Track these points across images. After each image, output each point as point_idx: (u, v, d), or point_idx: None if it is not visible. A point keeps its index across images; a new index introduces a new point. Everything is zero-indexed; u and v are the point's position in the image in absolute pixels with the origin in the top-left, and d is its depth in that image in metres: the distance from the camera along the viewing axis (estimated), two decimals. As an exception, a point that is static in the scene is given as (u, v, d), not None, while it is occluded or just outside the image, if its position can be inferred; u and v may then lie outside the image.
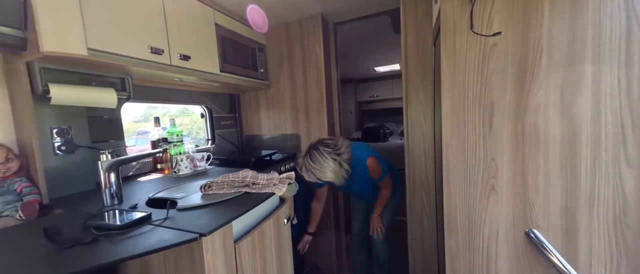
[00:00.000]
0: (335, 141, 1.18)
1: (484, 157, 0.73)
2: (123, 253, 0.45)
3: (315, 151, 1.12)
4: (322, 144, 1.14)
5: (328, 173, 1.11)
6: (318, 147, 1.13)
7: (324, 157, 1.10)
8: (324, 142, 1.16)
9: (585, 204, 0.61)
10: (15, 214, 0.75)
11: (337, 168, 1.12)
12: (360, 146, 1.31)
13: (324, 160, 1.10)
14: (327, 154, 1.11)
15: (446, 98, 0.76)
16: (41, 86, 0.81)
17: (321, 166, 1.10)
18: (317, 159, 1.11)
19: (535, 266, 0.69)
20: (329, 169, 1.11)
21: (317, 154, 1.11)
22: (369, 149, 1.30)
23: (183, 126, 1.82)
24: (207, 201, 0.72)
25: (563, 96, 0.63)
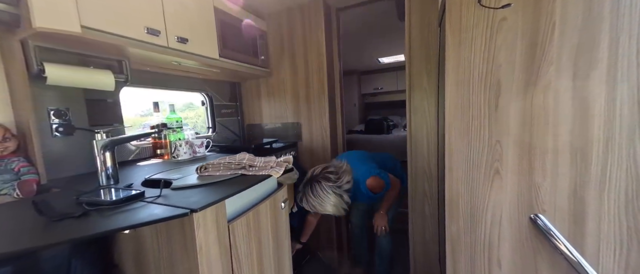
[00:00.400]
0: (338, 170, 1.14)
1: (488, 140, 0.70)
2: (111, 225, 0.44)
3: (317, 184, 1.10)
4: (324, 178, 1.11)
5: (328, 207, 1.11)
6: (320, 181, 1.10)
7: (325, 191, 1.08)
8: (326, 175, 1.12)
9: (595, 188, 0.58)
10: (13, 193, 0.75)
11: (338, 201, 1.11)
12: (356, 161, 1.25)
13: (325, 194, 1.08)
14: (328, 188, 1.09)
15: (450, 77, 0.72)
16: (36, 64, 0.80)
17: (321, 200, 1.09)
18: (317, 193, 1.09)
19: (540, 252, 0.66)
20: (330, 203, 1.10)
21: (319, 187, 1.09)
22: (368, 164, 1.24)
23: (188, 119, 1.81)
24: (202, 182, 0.71)
25: (576, 73, 0.59)
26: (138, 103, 1.41)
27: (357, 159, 1.28)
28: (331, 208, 1.11)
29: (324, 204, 1.09)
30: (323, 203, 1.09)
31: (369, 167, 1.21)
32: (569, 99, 0.59)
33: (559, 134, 0.61)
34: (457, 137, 0.73)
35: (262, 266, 0.75)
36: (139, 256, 0.64)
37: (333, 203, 1.10)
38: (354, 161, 1.25)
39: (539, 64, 0.62)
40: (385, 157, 1.44)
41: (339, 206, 1.12)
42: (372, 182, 1.18)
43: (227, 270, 0.62)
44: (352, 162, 1.24)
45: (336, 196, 1.10)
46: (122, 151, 1.19)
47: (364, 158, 1.30)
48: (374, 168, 1.21)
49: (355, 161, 1.25)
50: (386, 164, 1.39)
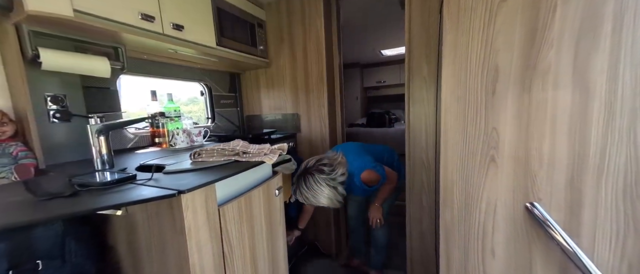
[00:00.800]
0: (332, 162, 1.12)
1: (484, 126, 0.68)
2: (98, 204, 0.44)
3: (310, 177, 1.08)
4: (317, 170, 1.09)
5: (322, 200, 1.09)
6: (313, 173, 1.08)
7: (318, 184, 1.07)
8: (319, 167, 1.10)
9: (593, 174, 0.57)
10: (11, 176, 0.76)
11: (332, 194, 1.10)
12: (352, 153, 1.22)
13: (319, 187, 1.07)
14: (321, 180, 1.07)
15: (447, 62, 0.71)
16: (31, 49, 0.80)
17: (315, 193, 1.08)
18: (311, 185, 1.07)
19: (534, 241, 0.65)
20: (324, 196, 1.08)
21: (312, 180, 1.07)
22: (364, 157, 1.21)
23: (192, 113, 1.82)
24: (195, 167, 0.71)
25: (577, 56, 0.56)
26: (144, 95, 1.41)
27: (353, 151, 1.26)
28: (326, 200, 1.09)
29: (317, 197, 1.08)
30: (317, 196, 1.08)
31: (364, 160, 1.19)
32: (568, 83, 0.57)
33: (557, 119, 0.59)
34: (452, 124, 0.72)
35: (254, 251, 0.76)
36: (131, 238, 0.65)
37: (327, 196, 1.08)
38: (350, 153, 1.23)
39: (538, 48, 0.60)
40: (383, 149, 1.43)
41: (334, 199, 1.11)
42: (367, 176, 1.16)
43: (217, 253, 0.62)
44: (348, 154, 1.22)
45: (330, 189, 1.08)
46: (121, 138, 1.20)
47: (360, 150, 1.28)
48: (369, 161, 1.19)
49: (350, 153, 1.23)
50: (383, 156, 1.38)
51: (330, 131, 1.72)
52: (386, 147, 1.46)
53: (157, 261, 0.61)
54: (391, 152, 1.44)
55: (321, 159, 1.13)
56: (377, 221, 1.31)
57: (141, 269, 0.66)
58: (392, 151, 1.46)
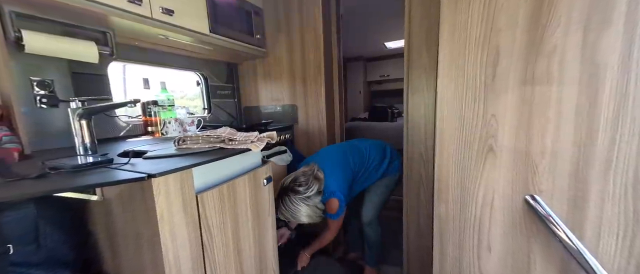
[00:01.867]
0: (307, 179, 1.11)
1: (483, 114, 0.63)
2: (62, 185, 0.42)
3: (286, 197, 1.10)
4: (292, 190, 1.10)
5: (302, 218, 1.11)
6: (289, 194, 1.10)
7: (295, 204, 1.09)
8: (294, 188, 1.10)
9: (600, 166, 0.52)
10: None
11: (310, 211, 1.11)
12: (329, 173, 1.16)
13: (296, 206, 1.09)
14: (298, 200, 1.09)
15: (444, 44, 0.66)
16: (13, 31, 0.78)
17: (293, 212, 1.10)
18: (288, 206, 1.10)
19: (534, 236, 0.61)
20: (302, 214, 1.10)
21: (289, 201, 1.10)
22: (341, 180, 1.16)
23: (197, 108, 1.79)
24: (178, 153, 0.68)
25: (586, 34, 0.51)
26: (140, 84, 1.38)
27: (333, 167, 1.19)
28: (305, 218, 1.11)
29: (296, 215, 1.10)
30: (295, 215, 1.10)
31: (339, 186, 1.14)
32: (576, 65, 0.52)
33: (562, 105, 0.54)
34: (449, 111, 0.67)
35: (238, 240, 0.73)
36: (109, 224, 0.63)
37: (306, 214, 1.10)
38: (329, 168, 1.18)
39: (544, 26, 0.55)
40: (372, 148, 1.34)
41: (313, 216, 1.13)
42: (331, 204, 1.15)
43: (195, 241, 0.60)
44: (324, 167, 1.17)
45: (308, 207, 1.10)
46: (113, 126, 1.18)
47: (341, 166, 1.20)
48: (342, 192, 1.14)
49: (330, 168, 1.17)
50: (370, 157, 1.31)
51: (328, 123, 1.68)
52: (377, 143, 1.40)
53: (132, 248, 0.59)
54: (381, 147, 1.38)
55: (296, 179, 1.12)
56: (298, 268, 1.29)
57: (118, 256, 0.64)
58: (383, 146, 1.40)
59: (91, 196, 0.60)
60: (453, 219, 0.71)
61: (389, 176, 1.35)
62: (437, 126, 0.70)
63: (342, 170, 1.20)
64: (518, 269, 0.63)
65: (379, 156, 1.33)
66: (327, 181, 1.15)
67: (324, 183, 1.14)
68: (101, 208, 0.63)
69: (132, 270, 0.62)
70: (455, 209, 0.70)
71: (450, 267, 0.75)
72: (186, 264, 0.58)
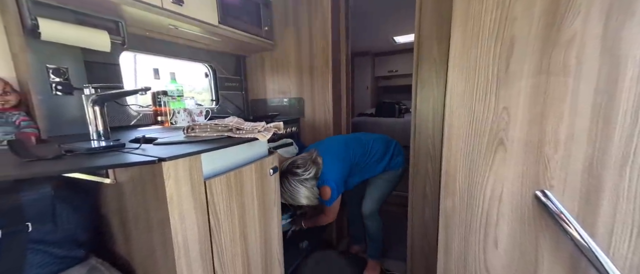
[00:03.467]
0: (305, 162, 1.14)
1: (494, 106, 0.62)
2: (77, 165, 0.43)
3: (285, 179, 1.13)
4: (290, 172, 1.13)
5: (301, 199, 1.13)
6: (287, 176, 1.13)
7: (293, 185, 1.11)
8: (292, 170, 1.13)
9: (616, 161, 0.50)
10: (13, 144, 0.77)
11: (309, 193, 1.13)
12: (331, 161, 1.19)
13: (294, 188, 1.11)
14: (296, 182, 1.11)
15: (456, 35, 0.64)
16: (30, 19, 0.80)
17: (292, 194, 1.12)
18: (286, 187, 1.12)
19: (543, 232, 0.60)
20: (301, 195, 1.12)
21: (287, 182, 1.12)
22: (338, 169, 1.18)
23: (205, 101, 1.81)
24: (186, 140, 0.69)
25: (608, 23, 0.49)
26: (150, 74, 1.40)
27: (333, 156, 1.22)
28: (304, 200, 1.13)
29: (295, 196, 1.12)
30: (294, 196, 1.12)
31: (334, 174, 1.17)
32: (595, 56, 0.50)
33: (579, 97, 0.52)
34: (458, 103, 0.66)
35: (244, 226, 0.75)
36: (121, 207, 0.65)
37: (305, 195, 1.12)
38: (327, 155, 1.21)
39: (562, 15, 0.53)
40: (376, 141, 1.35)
41: (311, 197, 1.14)
42: (324, 191, 1.18)
43: (203, 225, 0.61)
44: (325, 155, 1.20)
45: (306, 189, 1.12)
46: (124, 115, 1.21)
47: (340, 157, 1.23)
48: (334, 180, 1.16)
49: (329, 157, 1.20)
50: (373, 149, 1.31)
51: (334, 117, 1.68)
52: (381, 137, 1.39)
53: (143, 230, 0.61)
54: (385, 141, 1.37)
55: (294, 161, 1.16)
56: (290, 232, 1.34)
57: (130, 238, 0.66)
58: (387, 139, 1.39)
59: (104, 179, 0.62)
60: (459, 214, 0.71)
61: (391, 171, 1.35)
62: (446, 119, 0.69)
63: (341, 161, 1.22)
64: (525, 265, 0.63)
65: (381, 150, 1.33)
66: (324, 169, 1.18)
67: (322, 170, 1.17)
68: (114, 191, 0.65)
69: (143, 251, 0.64)
70: (462, 203, 0.70)
71: (455, 261, 0.74)
72: (194, 246, 0.59)
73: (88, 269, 0.65)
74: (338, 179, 1.19)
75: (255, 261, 0.84)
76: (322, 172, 1.18)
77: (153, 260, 0.62)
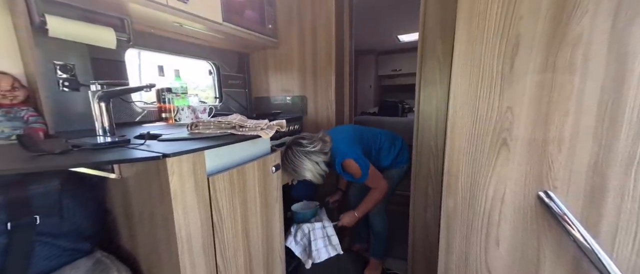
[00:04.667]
0: (311, 138, 1.13)
1: (498, 106, 0.61)
2: (84, 160, 0.44)
3: (289, 150, 1.11)
4: (294, 143, 1.11)
5: (304, 172, 1.10)
6: (291, 147, 1.11)
7: (296, 157, 1.09)
8: (297, 140, 1.12)
9: (622, 161, 0.49)
10: (21, 139, 0.79)
11: (313, 167, 1.10)
12: (342, 137, 1.20)
13: (298, 160, 1.09)
14: (299, 153, 1.09)
15: (460, 33, 0.64)
16: (38, 15, 0.81)
17: (296, 166, 1.09)
18: (290, 158, 1.10)
19: (545, 233, 0.59)
20: (305, 168, 1.09)
21: (291, 153, 1.10)
22: (351, 146, 1.17)
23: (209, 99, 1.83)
24: (190, 137, 0.70)
25: (616, 23, 0.48)
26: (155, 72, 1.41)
27: (343, 136, 1.23)
28: (308, 173, 1.10)
29: (298, 169, 1.09)
30: (297, 169, 1.09)
31: (350, 148, 1.16)
32: (603, 54, 0.49)
33: (585, 96, 0.51)
34: (462, 102, 0.65)
35: (247, 223, 0.76)
36: (126, 202, 0.66)
37: (308, 168, 1.09)
38: (339, 137, 1.21)
39: (570, 14, 0.52)
40: (382, 134, 1.36)
41: (315, 172, 1.11)
42: (347, 165, 1.15)
43: (206, 221, 0.62)
44: (337, 136, 1.20)
45: (310, 162, 1.09)
46: (129, 112, 1.23)
47: (351, 137, 1.23)
48: (354, 152, 1.15)
49: (340, 138, 1.20)
50: (381, 140, 1.32)
51: (337, 116, 1.67)
52: (388, 132, 1.39)
53: (147, 225, 0.62)
54: (391, 136, 1.37)
55: (301, 135, 1.15)
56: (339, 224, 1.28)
57: (134, 232, 0.67)
58: (393, 135, 1.40)
59: (110, 174, 0.63)
60: (461, 213, 0.70)
61: (397, 168, 1.35)
62: (449, 118, 0.68)
63: (352, 140, 1.22)
64: (527, 265, 0.62)
65: (387, 144, 1.33)
66: (336, 145, 1.16)
67: (332, 147, 1.15)
68: (119, 186, 0.66)
69: (147, 246, 0.65)
70: (464, 203, 0.69)
71: (456, 261, 0.74)
72: (197, 242, 0.60)
73: (94, 262, 0.67)
74: (356, 152, 1.16)
75: (257, 257, 0.84)
76: (333, 149, 1.15)
77: (157, 254, 0.63)
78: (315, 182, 1.16)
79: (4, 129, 0.81)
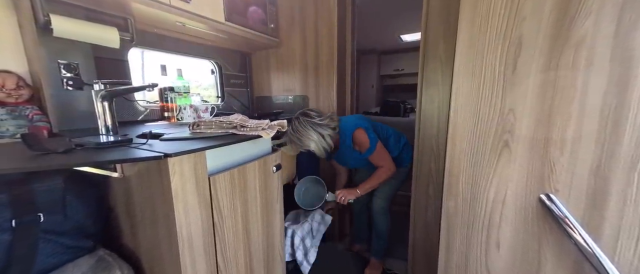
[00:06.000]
0: (320, 112, 1.16)
1: (500, 107, 0.61)
2: (86, 159, 0.45)
3: (296, 120, 1.12)
4: (303, 114, 1.13)
5: (309, 143, 1.10)
6: (299, 117, 1.13)
7: (303, 126, 1.10)
8: (305, 112, 1.14)
9: (624, 165, 0.49)
10: (26, 137, 0.80)
11: (318, 139, 1.11)
12: (351, 117, 1.25)
13: (304, 129, 1.10)
14: (306, 123, 1.10)
15: (462, 34, 0.63)
16: (43, 15, 0.82)
17: (300, 135, 1.10)
18: (296, 128, 1.11)
19: (546, 236, 0.59)
20: (309, 138, 1.10)
21: (298, 123, 1.11)
22: (361, 120, 1.22)
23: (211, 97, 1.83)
24: (192, 137, 0.70)
25: (619, 26, 0.48)
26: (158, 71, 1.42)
27: (355, 117, 1.27)
28: (312, 144, 1.10)
29: (303, 139, 1.09)
30: (302, 139, 1.09)
31: (360, 121, 1.19)
32: (606, 56, 0.49)
33: (587, 99, 0.51)
34: (464, 104, 0.65)
35: (247, 222, 0.76)
36: (128, 199, 0.67)
37: (313, 139, 1.09)
38: (349, 117, 1.24)
39: (573, 16, 0.52)
40: (389, 129, 1.37)
41: (319, 145, 1.11)
42: (358, 135, 1.16)
43: (207, 220, 0.62)
44: (346, 117, 1.24)
45: (316, 133, 1.10)
46: (132, 111, 1.24)
47: (362, 118, 1.27)
48: (364, 123, 1.18)
49: (350, 117, 1.24)
50: (387, 134, 1.33)
51: (338, 115, 1.67)
52: (393, 129, 1.40)
53: (149, 224, 0.62)
54: (397, 134, 1.38)
55: (309, 108, 1.19)
56: (342, 199, 1.27)
57: (136, 230, 0.68)
58: (398, 133, 1.40)
59: (112, 172, 0.64)
60: (462, 214, 0.70)
61: (401, 168, 1.35)
62: (450, 119, 0.68)
63: (361, 118, 1.25)
64: (527, 267, 0.62)
65: (394, 139, 1.34)
66: (345, 122, 1.19)
67: (341, 124, 1.17)
68: (121, 185, 0.66)
69: (149, 244, 0.66)
70: (465, 204, 0.69)
71: (456, 262, 0.74)
72: (198, 240, 0.61)
73: (96, 259, 0.67)
74: (366, 125, 1.19)
75: (257, 257, 0.85)
76: (342, 127, 1.17)
77: (158, 253, 0.64)
78: (318, 154, 1.16)
79: (8, 127, 0.82)
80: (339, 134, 1.19)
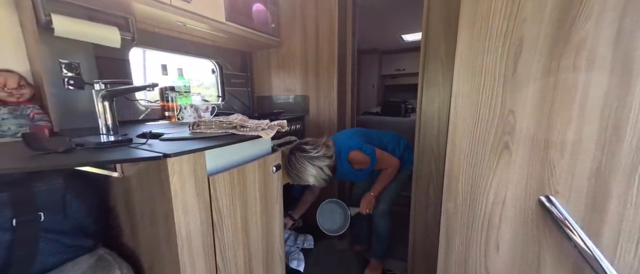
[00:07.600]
0: (314, 143, 1.15)
1: (500, 109, 0.61)
2: (86, 159, 0.45)
3: (292, 156, 1.12)
4: (298, 149, 1.12)
5: (308, 178, 1.11)
6: (294, 152, 1.12)
7: (300, 162, 1.10)
8: (300, 146, 1.13)
9: (625, 167, 0.49)
10: (27, 136, 0.80)
11: (317, 173, 1.11)
12: (343, 136, 1.24)
13: (301, 165, 1.10)
14: (303, 158, 1.10)
15: (463, 36, 0.63)
16: (44, 14, 0.83)
17: (299, 171, 1.11)
18: (294, 164, 1.11)
19: (545, 238, 0.59)
20: (308, 173, 1.11)
21: (294, 159, 1.11)
22: (353, 138, 1.21)
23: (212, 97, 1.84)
24: (192, 136, 0.71)
25: (621, 29, 0.47)
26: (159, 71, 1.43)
27: (347, 135, 1.27)
28: (312, 178, 1.12)
29: (302, 175, 1.11)
30: (301, 174, 1.11)
31: (352, 141, 1.19)
32: (607, 58, 0.49)
33: (588, 101, 0.51)
34: (464, 105, 0.65)
35: (246, 223, 0.76)
36: (127, 199, 0.67)
37: (312, 174, 1.11)
38: (341, 137, 1.24)
39: (574, 18, 0.51)
40: (384, 134, 1.37)
41: (319, 178, 1.13)
42: (354, 157, 1.16)
43: (206, 220, 0.63)
44: (339, 137, 1.23)
45: (314, 167, 1.11)
46: (133, 110, 1.24)
47: (354, 134, 1.27)
48: (357, 143, 1.18)
49: (343, 137, 1.24)
50: (385, 141, 1.33)
51: (339, 115, 1.67)
52: (391, 133, 1.40)
53: (148, 223, 0.63)
54: (396, 138, 1.38)
55: (304, 140, 1.17)
56: (366, 210, 1.30)
57: (136, 230, 0.68)
58: (398, 136, 1.40)
59: (112, 172, 0.64)
60: (461, 216, 0.70)
61: (401, 171, 1.34)
62: (450, 120, 0.68)
63: (354, 134, 1.25)
64: (526, 269, 0.62)
65: (392, 144, 1.33)
66: (338, 144, 1.18)
67: (336, 148, 1.17)
68: (121, 185, 0.67)
69: (148, 244, 0.66)
70: (464, 205, 0.69)
71: (455, 263, 0.74)
72: (197, 240, 0.61)
73: (96, 258, 0.68)
74: (358, 142, 1.19)
75: (256, 257, 0.85)
76: (337, 149, 1.17)
77: (158, 252, 0.64)
78: (319, 186, 1.18)
79: (10, 126, 0.82)
80: (336, 160, 1.19)
